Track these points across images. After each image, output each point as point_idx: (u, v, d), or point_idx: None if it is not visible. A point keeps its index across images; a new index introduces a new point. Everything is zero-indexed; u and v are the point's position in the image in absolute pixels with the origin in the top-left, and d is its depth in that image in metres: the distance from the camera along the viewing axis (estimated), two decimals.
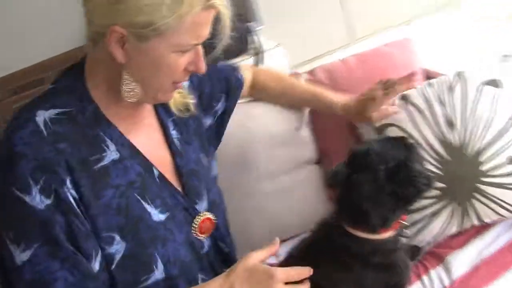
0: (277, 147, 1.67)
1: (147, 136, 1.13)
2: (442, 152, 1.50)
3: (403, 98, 1.60)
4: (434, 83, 1.59)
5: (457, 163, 1.50)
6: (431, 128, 1.53)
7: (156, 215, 1.07)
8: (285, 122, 1.69)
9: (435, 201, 1.49)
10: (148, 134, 1.14)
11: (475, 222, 1.51)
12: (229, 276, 1.04)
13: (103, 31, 0.96)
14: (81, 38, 1.05)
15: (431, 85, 1.59)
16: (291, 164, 1.70)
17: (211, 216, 1.19)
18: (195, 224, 1.16)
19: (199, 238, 1.17)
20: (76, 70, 1.07)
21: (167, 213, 1.09)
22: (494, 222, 1.54)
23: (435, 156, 1.50)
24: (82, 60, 1.07)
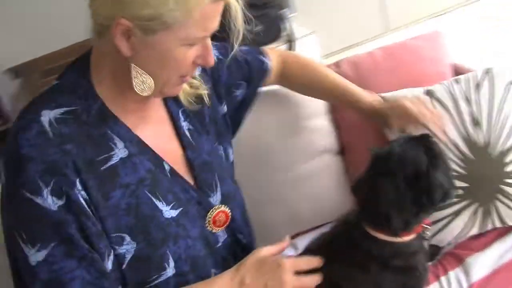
0: (291, 136, 1.64)
1: (156, 130, 1.11)
2: (466, 151, 1.46)
3: (429, 93, 1.55)
4: (461, 80, 1.54)
5: (481, 163, 1.46)
6: (455, 126, 1.49)
7: (168, 212, 1.05)
8: (299, 110, 1.66)
9: (457, 200, 1.45)
10: (157, 127, 1.11)
11: (497, 224, 1.47)
12: (238, 269, 1.04)
13: (108, 24, 0.93)
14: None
15: (458, 81, 1.54)
16: (307, 153, 1.67)
17: (225, 209, 1.17)
18: (209, 218, 1.14)
19: (213, 231, 1.16)
20: (80, 65, 1.04)
21: (180, 209, 1.07)
22: None
23: (459, 155, 1.46)
24: (87, 54, 1.05)
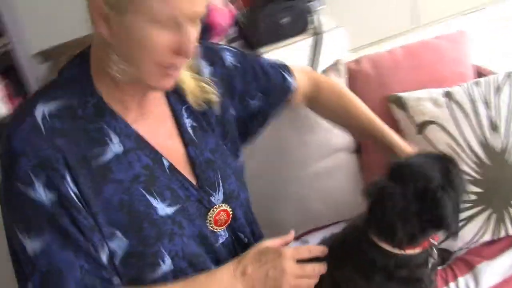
0: (307, 133, 1.62)
1: (156, 126, 1.08)
2: (482, 156, 1.43)
3: (447, 95, 1.53)
4: (482, 82, 1.51)
5: (497, 168, 1.42)
6: (473, 130, 1.46)
7: (163, 209, 1.03)
8: None
9: (470, 205, 1.43)
10: (157, 124, 1.09)
11: (510, 231, 1.44)
12: (240, 260, 1.05)
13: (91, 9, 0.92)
14: None
15: (478, 84, 1.51)
16: (322, 151, 1.65)
17: (227, 208, 1.14)
18: (210, 217, 1.12)
19: (214, 230, 1.14)
20: (81, 59, 1.03)
21: (177, 206, 1.05)
22: None
23: (475, 159, 1.43)
24: (89, 47, 1.03)
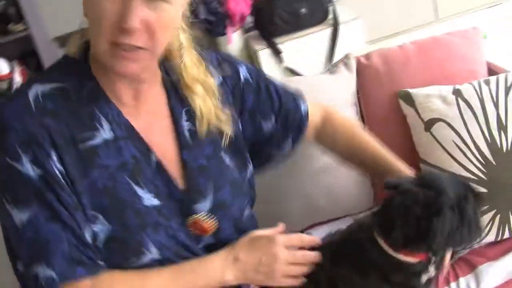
0: None
1: (150, 123, 1.08)
2: (488, 156, 1.41)
3: (456, 92, 1.51)
4: (491, 81, 1.49)
5: (503, 169, 1.41)
6: (480, 129, 1.44)
7: (149, 200, 1.02)
8: (322, 100, 1.57)
9: None
10: (152, 120, 1.08)
11: None
12: (233, 248, 1.07)
13: None
14: None
15: (487, 82, 1.49)
16: None
17: (206, 222, 1.09)
18: (189, 222, 1.09)
19: (194, 234, 1.10)
20: (86, 43, 1.03)
21: (160, 201, 1.05)
22: None
23: (480, 159, 1.41)
24: None
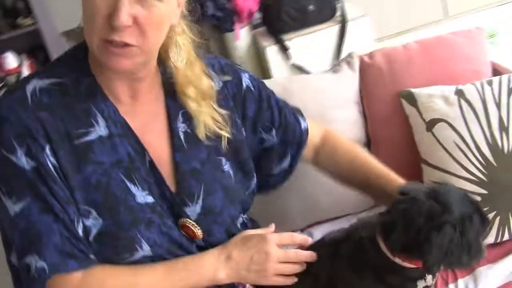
0: None
1: (146, 123, 1.07)
2: (489, 157, 1.40)
3: (459, 93, 1.50)
4: (494, 82, 1.48)
5: (503, 170, 1.40)
6: (482, 130, 1.43)
7: (142, 197, 1.03)
8: (326, 100, 1.62)
9: None
10: (148, 121, 1.08)
11: None
12: (225, 246, 1.08)
13: None
14: None
15: (490, 83, 1.48)
16: None
17: (194, 228, 1.08)
18: (179, 224, 1.08)
19: (185, 236, 1.09)
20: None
21: (154, 199, 1.05)
22: None
23: (481, 160, 1.41)
24: None
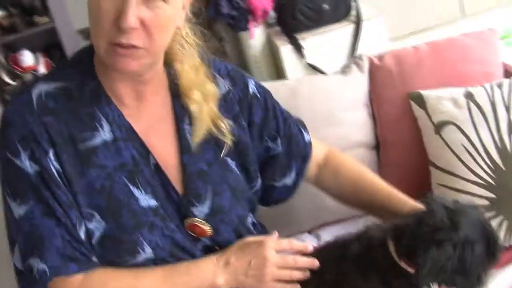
0: (324, 126, 1.61)
1: (152, 125, 1.07)
2: (498, 160, 1.40)
3: (468, 95, 1.49)
4: (504, 84, 1.47)
5: None
6: (490, 133, 1.42)
7: (145, 201, 1.03)
8: (335, 101, 1.62)
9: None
10: (154, 123, 1.08)
11: None
12: (224, 252, 1.07)
13: None
14: None
15: (500, 85, 1.47)
16: (340, 146, 1.58)
17: (202, 225, 1.08)
18: (185, 224, 1.08)
19: (192, 236, 1.09)
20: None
21: (158, 202, 1.05)
22: None
23: (489, 163, 1.40)
24: None
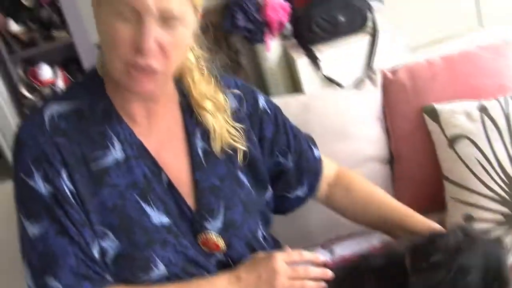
0: (337, 141, 1.61)
1: (163, 143, 1.08)
2: None
3: (482, 109, 1.48)
4: None
5: None
6: (505, 146, 1.41)
7: (157, 218, 1.03)
8: (348, 116, 1.63)
9: (494, 226, 1.38)
10: (166, 140, 1.08)
11: None
12: (236, 269, 1.08)
13: None
14: None
15: None
16: (354, 160, 1.62)
17: (216, 239, 1.09)
18: (199, 240, 1.08)
19: (205, 251, 1.10)
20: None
21: (171, 219, 1.05)
22: None
23: (503, 177, 1.38)
24: None
